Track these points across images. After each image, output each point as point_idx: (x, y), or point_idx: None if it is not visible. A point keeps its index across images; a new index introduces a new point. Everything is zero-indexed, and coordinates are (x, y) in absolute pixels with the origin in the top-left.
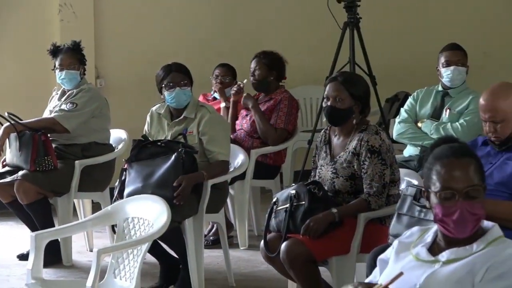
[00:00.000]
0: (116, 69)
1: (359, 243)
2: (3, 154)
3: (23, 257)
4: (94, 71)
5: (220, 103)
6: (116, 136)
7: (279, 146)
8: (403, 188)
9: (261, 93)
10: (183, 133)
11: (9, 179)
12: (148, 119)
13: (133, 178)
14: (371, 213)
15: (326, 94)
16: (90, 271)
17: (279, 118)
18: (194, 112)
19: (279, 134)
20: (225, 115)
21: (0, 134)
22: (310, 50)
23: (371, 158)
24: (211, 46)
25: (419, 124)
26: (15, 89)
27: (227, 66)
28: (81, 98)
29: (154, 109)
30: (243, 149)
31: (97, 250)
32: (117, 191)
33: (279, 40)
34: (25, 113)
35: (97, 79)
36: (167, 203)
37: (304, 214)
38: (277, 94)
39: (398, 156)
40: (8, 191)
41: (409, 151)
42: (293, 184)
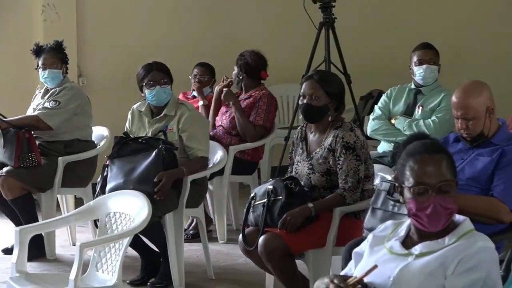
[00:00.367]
0: (97, 68)
1: (334, 236)
2: None
3: (7, 251)
4: (76, 70)
5: (199, 101)
6: (98, 133)
7: (257, 143)
8: (377, 183)
9: (241, 91)
10: (163, 130)
11: None
12: (129, 116)
13: (114, 174)
14: (346, 207)
15: (302, 92)
16: (73, 264)
17: (258, 116)
18: (174, 109)
19: (257, 131)
20: (203, 113)
21: None
22: (286, 49)
23: (346, 154)
24: (191, 45)
25: (392, 121)
26: None
27: (206, 65)
28: (64, 96)
29: (135, 107)
30: (221, 146)
31: (80, 244)
32: (99, 186)
33: (257, 39)
34: (9, 111)
35: (79, 77)
36: (148, 198)
37: (281, 209)
38: (256, 92)
39: (372, 152)
40: None
41: (383, 147)
42: (270, 179)
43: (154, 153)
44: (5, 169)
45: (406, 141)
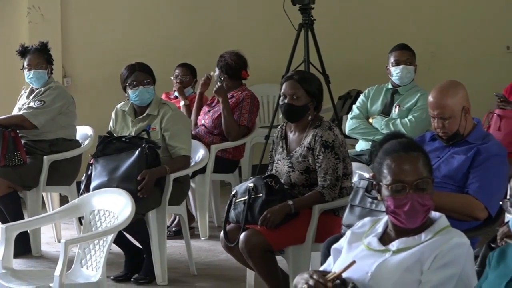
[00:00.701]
0: (82, 68)
1: (314, 233)
2: None
3: None
4: (61, 70)
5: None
6: (83, 133)
7: (238, 142)
8: (355, 180)
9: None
10: (147, 129)
11: None
12: (113, 116)
13: (99, 172)
14: (325, 204)
15: (283, 92)
16: (58, 261)
17: (242, 116)
18: (156, 109)
19: (241, 131)
20: (185, 113)
21: None
22: (266, 50)
23: (325, 153)
24: (173, 47)
25: (370, 120)
26: None
27: (187, 65)
28: (49, 96)
29: (119, 106)
30: (203, 145)
31: (65, 241)
32: (83, 184)
33: (237, 40)
34: None
35: (64, 78)
36: (132, 196)
37: (261, 206)
38: (239, 92)
39: (350, 150)
40: None
41: (361, 145)
42: (251, 177)
43: (137, 152)
44: None
45: (383, 140)
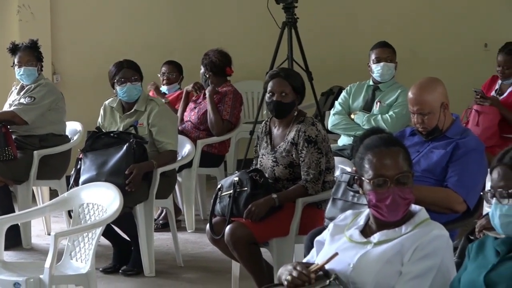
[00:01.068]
0: (71, 65)
1: (297, 225)
2: None
3: None
4: (50, 67)
5: (168, 98)
6: (72, 128)
7: (223, 137)
8: (337, 174)
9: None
10: (134, 125)
11: None
12: (102, 112)
13: (88, 167)
14: (308, 198)
15: (270, 89)
16: (48, 253)
17: (224, 110)
18: (144, 105)
19: (225, 126)
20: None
21: None
22: (251, 48)
23: (308, 148)
24: (160, 45)
25: (352, 116)
26: None
27: (174, 63)
28: (39, 92)
29: (107, 102)
30: (190, 140)
31: (55, 233)
32: (73, 179)
33: (223, 39)
34: None
35: (54, 75)
36: (120, 189)
37: (246, 199)
38: (223, 88)
39: (333, 145)
40: None
41: (343, 140)
42: (236, 171)
43: (125, 147)
44: None
45: (363, 135)
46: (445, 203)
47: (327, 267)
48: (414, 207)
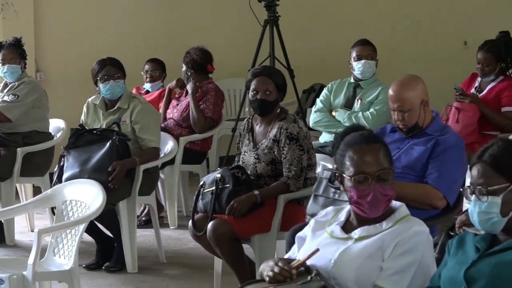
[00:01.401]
0: (54, 63)
1: (279, 222)
2: None
3: None
4: (34, 65)
5: (151, 95)
6: (55, 125)
7: (206, 134)
8: (319, 171)
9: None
10: (117, 122)
11: None
12: (85, 109)
13: (71, 164)
14: (290, 194)
15: (254, 87)
16: (31, 249)
17: (207, 108)
18: (127, 102)
19: (207, 123)
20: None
21: None
22: (233, 45)
23: (290, 145)
24: (143, 42)
25: (333, 113)
26: None
27: (157, 61)
28: (22, 90)
29: (90, 100)
30: (172, 137)
31: (38, 230)
32: (56, 176)
33: (205, 36)
34: None
35: (37, 72)
36: (103, 186)
37: (228, 196)
38: (204, 85)
39: (314, 142)
40: None
41: (324, 137)
42: (218, 168)
43: (108, 144)
44: None
45: (343, 132)
46: (425, 199)
47: (308, 263)
48: (395, 203)
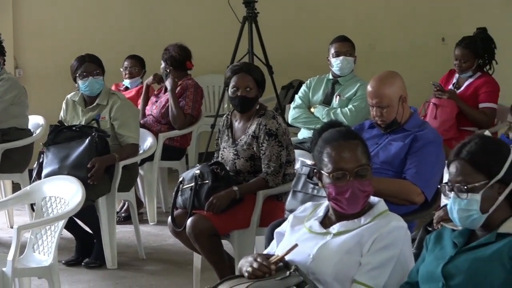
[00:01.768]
0: (33, 60)
1: (258, 217)
2: None
3: None
4: (13, 61)
5: (130, 92)
6: (34, 122)
7: (185, 130)
8: (297, 167)
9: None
10: (96, 118)
11: None
12: (64, 106)
13: (50, 160)
14: (269, 190)
15: (234, 84)
16: (10, 246)
17: (186, 104)
18: (106, 99)
19: (187, 120)
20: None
21: None
22: (212, 42)
23: (268, 141)
24: (122, 39)
25: (312, 110)
26: None
27: (136, 57)
28: (1, 87)
29: (69, 96)
30: (151, 133)
31: (17, 226)
32: (35, 172)
33: (184, 33)
34: None
35: (16, 69)
36: (82, 183)
37: (207, 192)
38: (183, 82)
39: (293, 138)
40: None
41: (303, 134)
42: (197, 164)
43: (87, 140)
44: None
45: (321, 129)
46: (403, 194)
47: (287, 258)
48: (373, 198)
